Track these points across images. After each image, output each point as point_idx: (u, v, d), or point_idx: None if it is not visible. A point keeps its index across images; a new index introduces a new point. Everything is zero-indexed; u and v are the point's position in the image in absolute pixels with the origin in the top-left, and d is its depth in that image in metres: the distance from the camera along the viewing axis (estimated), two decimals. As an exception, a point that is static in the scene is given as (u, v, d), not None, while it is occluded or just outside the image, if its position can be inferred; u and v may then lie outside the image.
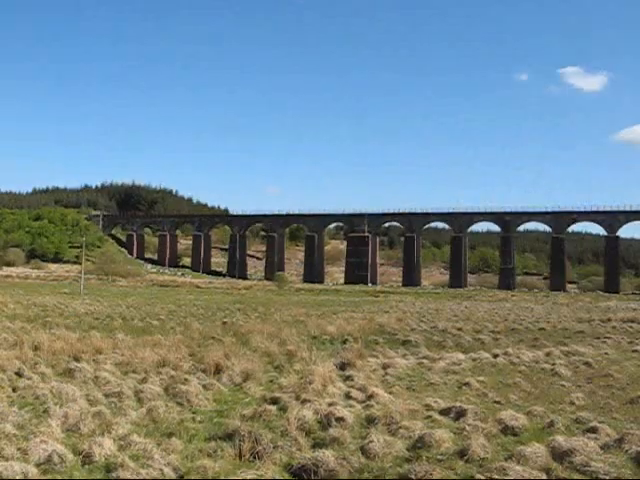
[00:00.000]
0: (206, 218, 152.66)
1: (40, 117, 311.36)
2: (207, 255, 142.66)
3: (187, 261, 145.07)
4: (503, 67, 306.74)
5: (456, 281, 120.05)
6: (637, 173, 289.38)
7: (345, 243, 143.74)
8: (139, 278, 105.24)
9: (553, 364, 16.25)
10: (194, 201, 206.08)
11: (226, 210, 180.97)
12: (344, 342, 20.68)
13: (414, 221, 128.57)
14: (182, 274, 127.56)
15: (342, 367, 15.01)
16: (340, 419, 9.27)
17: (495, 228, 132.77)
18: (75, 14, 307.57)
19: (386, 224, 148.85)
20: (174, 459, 7.27)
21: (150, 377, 12.70)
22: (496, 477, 6.91)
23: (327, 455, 7.32)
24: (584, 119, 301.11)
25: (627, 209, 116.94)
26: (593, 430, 9.04)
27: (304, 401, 10.48)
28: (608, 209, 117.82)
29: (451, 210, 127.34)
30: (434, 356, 17.62)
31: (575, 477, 7.02)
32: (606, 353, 19.11)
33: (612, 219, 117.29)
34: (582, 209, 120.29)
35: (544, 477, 6.97)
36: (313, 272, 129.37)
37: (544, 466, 7.25)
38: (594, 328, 28.82)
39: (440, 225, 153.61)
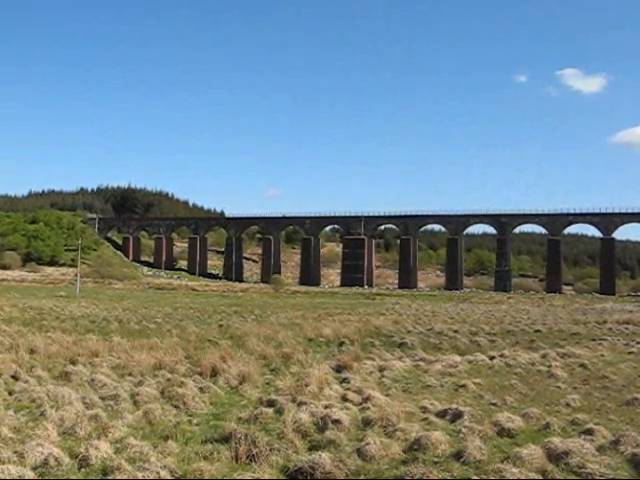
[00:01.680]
0: (202, 221, 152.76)
1: (36, 120, 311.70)
2: (203, 258, 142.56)
3: (183, 264, 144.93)
4: (502, 68, 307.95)
5: (452, 283, 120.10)
6: (634, 175, 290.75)
7: (341, 245, 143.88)
8: (135, 281, 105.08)
9: (549, 366, 16.30)
10: (190, 204, 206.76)
11: (222, 213, 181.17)
12: (340, 344, 20.70)
13: (410, 223, 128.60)
14: (178, 277, 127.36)
15: (338, 369, 15.03)
16: (336, 421, 9.28)
17: (491, 230, 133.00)
18: (74, 17, 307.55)
19: (382, 226, 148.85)
20: (170, 462, 7.26)
21: (146, 380, 12.71)
22: (492, 479, 6.92)
23: (323, 457, 7.32)
24: (583, 121, 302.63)
25: (622, 211, 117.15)
26: (589, 432, 9.07)
27: (300, 403, 10.48)
28: (604, 211, 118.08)
29: (447, 212, 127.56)
30: (430, 358, 17.63)
31: (571, 479, 7.04)
32: (602, 355, 19.15)
33: (607, 221, 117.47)
34: (578, 211, 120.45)
35: (540, 479, 6.98)
36: (309, 275, 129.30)
37: (540, 468, 7.27)
38: (590, 330, 28.87)
39: (436, 227, 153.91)
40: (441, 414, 10.32)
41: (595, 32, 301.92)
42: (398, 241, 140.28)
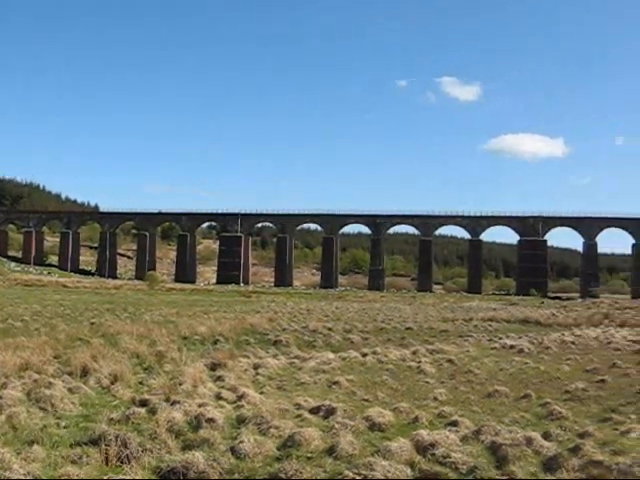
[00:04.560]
0: (75, 215, 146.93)
1: None
2: (75, 253, 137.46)
3: (54, 259, 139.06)
4: (384, 72, 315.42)
5: (327, 282, 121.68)
6: (502, 181, 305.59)
7: (218, 243, 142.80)
8: (1, 277, 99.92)
9: (419, 362, 16.87)
10: (63, 197, 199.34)
11: (96, 207, 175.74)
12: (215, 342, 20.58)
13: (287, 222, 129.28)
14: (49, 273, 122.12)
15: (213, 367, 14.94)
16: (210, 420, 9.23)
17: (366, 230, 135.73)
18: None
19: (259, 224, 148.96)
20: (35, 468, 6.94)
21: (11, 382, 12.11)
22: (363, 472, 7.10)
23: (197, 457, 7.27)
24: (458, 127, 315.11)
25: (489, 214, 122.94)
26: (454, 423, 9.50)
27: (174, 402, 10.35)
28: (472, 214, 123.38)
29: (323, 212, 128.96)
30: (305, 356, 17.85)
31: (436, 469, 7.35)
32: (468, 351, 20.02)
33: (475, 224, 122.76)
34: (448, 213, 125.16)
35: (408, 470, 7.24)
36: (185, 272, 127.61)
37: (408, 460, 7.54)
38: (457, 327, 30.05)
39: (313, 226, 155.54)
40: (314, 410, 10.47)
41: (473, 42, 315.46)
42: (275, 239, 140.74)
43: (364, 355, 18.14)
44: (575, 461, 7.54)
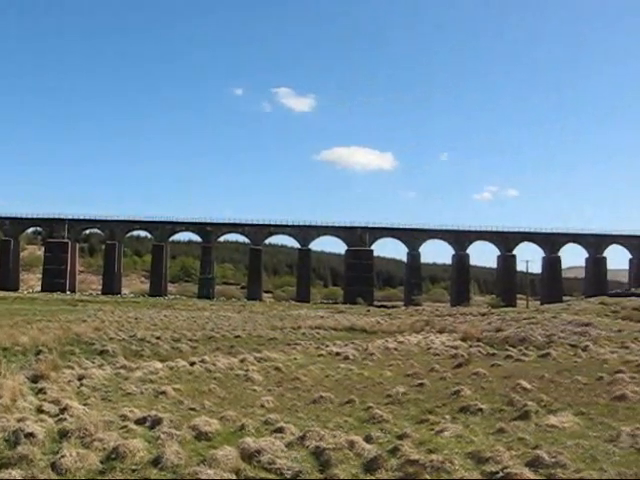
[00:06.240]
0: None
1: None
2: None
3: None
4: (220, 80, 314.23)
5: (156, 290, 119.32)
6: (333, 191, 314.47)
7: (43, 249, 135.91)
8: None
9: (247, 370, 17.06)
10: None
11: None
12: (38, 353, 19.70)
13: (116, 228, 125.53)
14: None
15: (35, 380, 14.38)
16: (30, 435, 8.89)
17: (196, 238, 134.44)
18: None
19: (87, 231, 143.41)
20: None
21: None
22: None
23: (14, 475, 7.05)
24: (292, 137, 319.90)
25: (319, 224, 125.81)
26: (280, 430, 9.77)
27: (-11, 418, 9.86)
28: (302, 224, 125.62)
29: (153, 219, 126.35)
30: (131, 365, 17.54)
31: (262, 475, 7.55)
32: (295, 358, 20.47)
33: (305, 233, 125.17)
34: (279, 222, 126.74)
35: (234, 478, 7.39)
36: (7, 279, 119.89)
37: (234, 467, 7.69)
38: (286, 335, 30.50)
39: (142, 234, 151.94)
40: (140, 421, 10.38)
41: (309, 54, 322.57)
42: (103, 246, 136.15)
43: (192, 364, 18.08)
44: (394, 461, 8.04)
